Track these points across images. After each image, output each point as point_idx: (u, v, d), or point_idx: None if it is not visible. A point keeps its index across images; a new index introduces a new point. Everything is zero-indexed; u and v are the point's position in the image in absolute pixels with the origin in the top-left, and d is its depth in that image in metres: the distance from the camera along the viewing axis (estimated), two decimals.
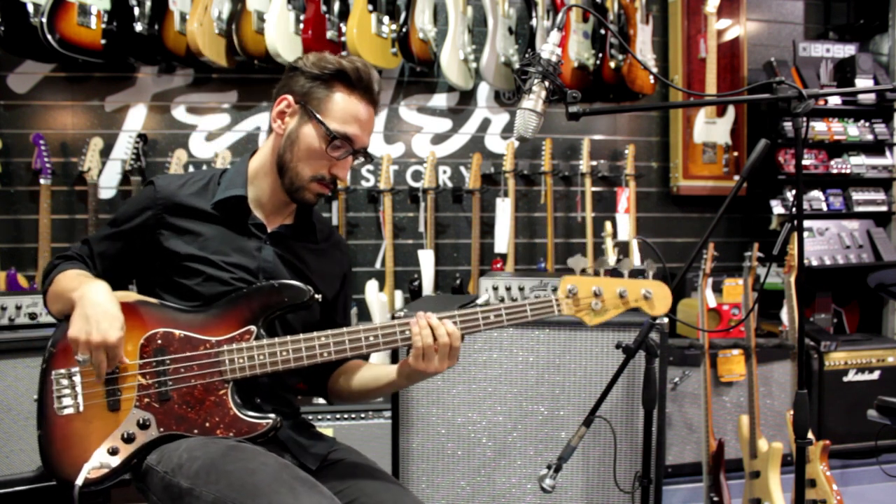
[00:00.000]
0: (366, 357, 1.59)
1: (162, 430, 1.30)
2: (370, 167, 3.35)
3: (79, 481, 1.24)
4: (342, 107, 1.39)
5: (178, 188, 1.44)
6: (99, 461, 1.27)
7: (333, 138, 1.38)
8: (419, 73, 3.36)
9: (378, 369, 1.53)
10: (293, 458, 1.41)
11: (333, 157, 1.40)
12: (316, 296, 1.37)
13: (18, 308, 2.46)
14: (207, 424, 1.30)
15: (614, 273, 1.59)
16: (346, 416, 2.52)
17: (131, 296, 1.38)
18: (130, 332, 1.32)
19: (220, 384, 1.32)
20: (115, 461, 1.28)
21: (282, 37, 2.89)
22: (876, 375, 3.00)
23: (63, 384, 1.31)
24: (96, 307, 1.26)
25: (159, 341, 1.33)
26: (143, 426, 1.30)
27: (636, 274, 2.29)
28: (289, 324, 1.47)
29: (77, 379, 1.32)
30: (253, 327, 1.34)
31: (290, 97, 1.41)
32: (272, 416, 1.33)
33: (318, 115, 1.38)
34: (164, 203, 1.42)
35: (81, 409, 1.30)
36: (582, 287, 1.37)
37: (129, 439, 1.29)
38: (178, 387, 1.31)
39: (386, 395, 1.96)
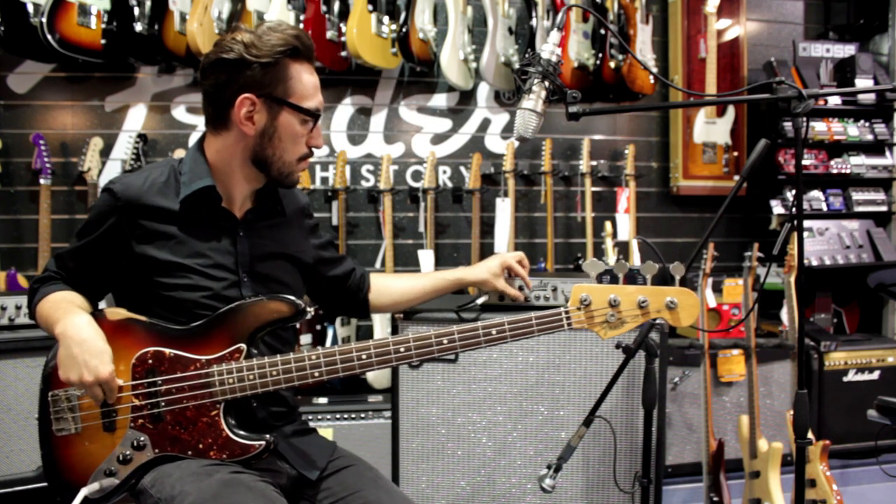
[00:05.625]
0: (362, 373, 1.63)
1: (157, 451, 1.30)
2: (370, 167, 3.35)
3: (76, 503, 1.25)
4: (304, 82, 1.38)
5: (139, 189, 1.36)
6: (98, 483, 1.28)
7: (309, 116, 1.39)
8: (419, 73, 3.36)
9: (423, 280, 1.80)
10: (291, 467, 1.41)
11: (309, 133, 1.42)
12: (308, 309, 1.37)
13: (18, 308, 2.46)
14: (201, 446, 1.30)
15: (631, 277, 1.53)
16: (346, 416, 2.52)
17: (120, 313, 1.36)
18: (121, 352, 1.31)
19: (211, 405, 1.31)
20: (113, 482, 1.29)
21: None
22: (876, 375, 3.00)
23: (60, 406, 1.32)
24: (81, 345, 1.25)
25: (150, 361, 1.32)
26: (139, 447, 1.30)
27: (633, 277, 2.29)
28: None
29: (74, 400, 1.32)
30: (243, 345, 1.32)
31: (251, 95, 1.34)
32: (265, 437, 1.32)
33: (289, 101, 1.36)
34: (127, 207, 1.35)
35: (79, 430, 1.31)
36: (597, 296, 1.23)
37: (125, 461, 1.29)
38: (170, 408, 1.31)
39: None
